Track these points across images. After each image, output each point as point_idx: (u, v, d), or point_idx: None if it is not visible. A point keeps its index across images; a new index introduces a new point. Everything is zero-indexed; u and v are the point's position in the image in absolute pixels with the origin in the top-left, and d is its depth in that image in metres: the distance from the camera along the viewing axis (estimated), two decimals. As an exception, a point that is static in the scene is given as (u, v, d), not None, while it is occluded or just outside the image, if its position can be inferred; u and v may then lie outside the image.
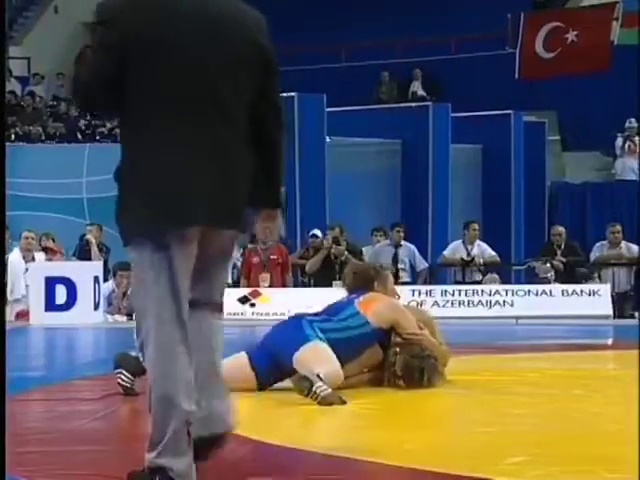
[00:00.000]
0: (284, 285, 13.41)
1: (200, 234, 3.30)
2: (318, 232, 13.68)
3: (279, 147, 3.38)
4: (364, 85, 21.22)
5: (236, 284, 13.88)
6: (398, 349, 5.93)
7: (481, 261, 14.13)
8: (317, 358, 5.56)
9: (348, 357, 5.86)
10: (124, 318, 12.47)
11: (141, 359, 5.62)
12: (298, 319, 5.96)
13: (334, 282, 12.53)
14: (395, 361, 5.88)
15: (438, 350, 6.09)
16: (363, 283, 6.28)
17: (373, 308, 6.03)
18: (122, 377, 5.55)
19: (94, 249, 13.76)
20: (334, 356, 5.66)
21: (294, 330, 5.81)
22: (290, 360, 5.63)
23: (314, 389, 5.20)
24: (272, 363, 5.75)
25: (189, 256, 3.28)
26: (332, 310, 6.11)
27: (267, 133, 3.34)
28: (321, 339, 5.72)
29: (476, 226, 14.21)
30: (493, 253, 14.25)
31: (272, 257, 13.52)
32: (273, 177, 3.39)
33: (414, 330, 6.00)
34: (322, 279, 13.30)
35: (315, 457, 4.01)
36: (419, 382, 5.85)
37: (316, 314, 6.11)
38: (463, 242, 14.21)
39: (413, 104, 18.53)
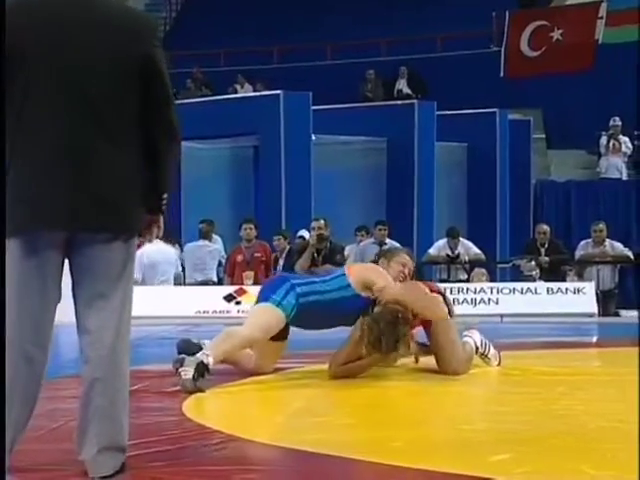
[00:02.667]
0: (269, 283, 13.39)
1: (62, 241, 3.37)
2: (307, 233, 13.65)
3: (164, 157, 3.46)
4: (350, 83, 21.22)
5: (221, 282, 13.90)
6: (367, 317, 5.90)
7: (466, 259, 14.16)
8: (250, 319, 5.91)
9: (332, 320, 6.07)
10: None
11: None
12: (283, 279, 6.15)
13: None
14: (364, 329, 5.89)
15: (416, 303, 5.95)
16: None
17: (356, 270, 6.18)
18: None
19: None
20: (266, 322, 5.86)
21: (270, 288, 6.05)
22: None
23: (180, 370, 5.61)
24: None
25: (39, 265, 3.36)
26: (324, 274, 6.39)
27: (152, 142, 3.42)
28: (279, 303, 5.87)
29: (457, 233, 14.25)
30: (478, 251, 14.27)
31: (256, 255, 13.52)
32: (158, 184, 3.48)
33: (385, 285, 5.94)
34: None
35: (302, 455, 4.00)
36: (380, 347, 5.82)
37: (307, 278, 6.31)
38: (448, 242, 14.24)
39: (398, 102, 18.53)
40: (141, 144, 3.42)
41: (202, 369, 5.61)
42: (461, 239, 14.32)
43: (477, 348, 6.69)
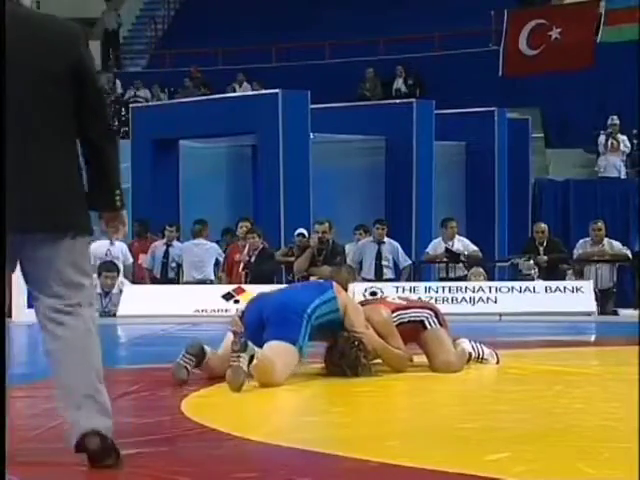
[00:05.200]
0: (267, 282, 13.38)
1: (13, 244, 3.45)
2: (304, 231, 13.64)
3: (107, 154, 3.59)
4: (348, 82, 21.22)
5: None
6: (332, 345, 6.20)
7: (465, 253, 14.13)
8: (278, 355, 5.81)
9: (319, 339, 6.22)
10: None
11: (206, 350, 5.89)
12: (302, 309, 6.02)
13: (311, 278, 12.50)
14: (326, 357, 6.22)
15: (382, 351, 6.26)
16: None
17: (343, 299, 6.27)
18: (185, 358, 5.89)
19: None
20: (288, 369, 5.89)
21: (292, 324, 5.95)
22: (268, 338, 5.88)
23: (241, 358, 5.53)
24: (259, 326, 5.98)
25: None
26: (317, 288, 6.36)
27: (93, 142, 3.55)
28: (301, 348, 5.93)
29: (454, 224, 14.21)
30: (475, 248, 14.25)
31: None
32: (106, 182, 3.60)
33: (357, 328, 6.17)
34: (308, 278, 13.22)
35: (298, 453, 4.00)
36: (344, 374, 6.08)
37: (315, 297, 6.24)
38: (443, 239, 14.21)
39: (397, 101, 18.53)
40: (79, 145, 3.54)
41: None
42: (458, 236, 14.30)
43: (470, 354, 6.71)
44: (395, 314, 6.41)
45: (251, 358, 5.60)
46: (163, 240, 14.37)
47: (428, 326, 6.43)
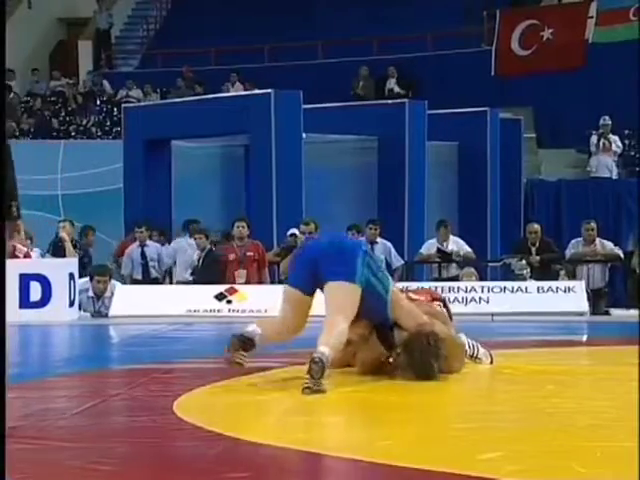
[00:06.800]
0: (260, 282, 13.39)
1: None
2: (297, 232, 13.63)
3: (5, 170, 3.93)
4: (341, 82, 21.23)
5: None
6: (401, 348, 6.03)
7: (460, 253, 14.14)
8: (340, 306, 5.82)
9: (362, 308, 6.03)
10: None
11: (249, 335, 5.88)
12: (356, 247, 6.08)
13: None
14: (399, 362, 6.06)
15: (451, 343, 6.21)
16: None
17: (397, 292, 6.26)
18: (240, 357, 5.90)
19: (68, 246, 13.70)
20: (355, 309, 5.89)
21: (347, 257, 5.96)
22: (327, 278, 5.89)
23: (310, 383, 5.48)
24: (312, 270, 5.96)
25: None
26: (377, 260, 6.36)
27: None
28: (361, 283, 5.91)
29: (448, 225, 14.25)
30: (469, 249, 14.28)
31: (248, 254, 13.50)
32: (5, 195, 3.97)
33: (421, 319, 6.11)
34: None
35: (292, 454, 4.00)
36: (427, 375, 5.93)
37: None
38: (438, 240, 14.23)
39: (389, 101, 18.53)
40: None
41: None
42: (452, 237, 14.33)
43: (466, 351, 6.72)
44: None
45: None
46: (137, 242, 14.32)
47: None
